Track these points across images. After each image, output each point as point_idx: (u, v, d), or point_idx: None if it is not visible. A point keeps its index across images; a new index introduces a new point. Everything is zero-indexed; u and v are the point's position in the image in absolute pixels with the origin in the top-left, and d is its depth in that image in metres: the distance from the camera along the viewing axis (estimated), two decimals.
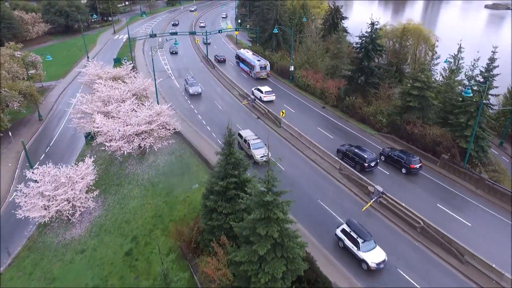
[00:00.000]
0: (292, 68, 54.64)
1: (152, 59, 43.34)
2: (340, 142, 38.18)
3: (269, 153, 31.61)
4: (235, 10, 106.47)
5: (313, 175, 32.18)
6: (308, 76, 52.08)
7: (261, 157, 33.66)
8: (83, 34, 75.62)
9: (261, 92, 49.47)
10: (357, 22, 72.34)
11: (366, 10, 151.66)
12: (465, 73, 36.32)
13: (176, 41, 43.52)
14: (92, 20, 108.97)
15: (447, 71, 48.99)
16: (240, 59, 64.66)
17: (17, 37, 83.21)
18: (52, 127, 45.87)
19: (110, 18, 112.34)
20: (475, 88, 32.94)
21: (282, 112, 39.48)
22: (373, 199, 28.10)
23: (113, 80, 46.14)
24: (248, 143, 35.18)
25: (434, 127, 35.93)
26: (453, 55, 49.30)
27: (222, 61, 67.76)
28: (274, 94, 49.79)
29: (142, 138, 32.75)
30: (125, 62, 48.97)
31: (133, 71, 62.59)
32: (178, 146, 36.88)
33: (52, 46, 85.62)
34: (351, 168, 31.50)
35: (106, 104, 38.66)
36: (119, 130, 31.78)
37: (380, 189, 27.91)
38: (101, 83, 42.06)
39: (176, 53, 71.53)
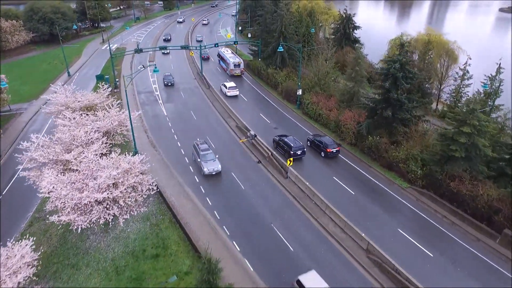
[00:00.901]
0: (300, 92, 46.36)
1: (126, 94, 35.03)
2: (366, 200, 30.04)
3: None
4: (236, 16, 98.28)
5: (332, 260, 23.93)
6: (320, 102, 43.78)
7: None
8: (62, 46, 67.67)
9: (226, 87, 52.90)
10: (361, 24, 64.84)
11: (371, 11, 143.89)
12: None
13: (156, 68, 35.27)
14: (82, 27, 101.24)
15: (482, 95, 41.11)
16: (220, 57, 67.21)
17: None
18: (12, 166, 37.86)
19: (103, 25, 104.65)
20: None
21: (290, 161, 31.26)
22: None
23: (85, 110, 38.40)
24: None
25: (487, 184, 27.62)
26: (490, 76, 41.47)
27: (206, 59, 71.03)
28: (237, 90, 53.00)
29: (104, 207, 24.79)
30: (102, 86, 40.79)
31: (115, 91, 55.09)
32: (155, 208, 28.76)
33: (31, 58, 77.75)
34: (381, 251, 23.31)
35: (68, 148, 30.83)
36: (72, 197, 23.82)
37: None
38: (66, 117, 34.32)
39: (172, 85, 56.69)
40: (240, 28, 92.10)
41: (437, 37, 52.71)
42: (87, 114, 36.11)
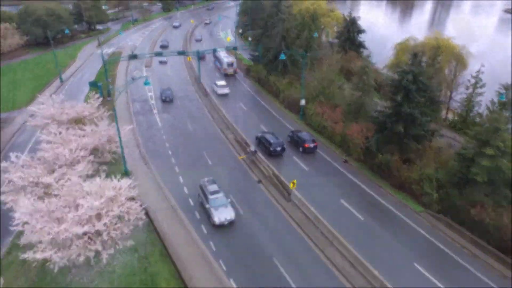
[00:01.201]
0: (303, 102, 43.58)
1: (115, 112, 32.32)
2: (376, 226, 27.29)
3: None
4: (236, 18, 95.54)
5: None
6: (324, 113, 41.05)
7: None
8: (54, 50, 65.07)
9: (217, 85, 54.53)
10: (362, 24, 62.58)
11: (373, 12, 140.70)
12: None
13: (147, 80, 32.62)
14: (79, 30, 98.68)
15: (496, 105, 38.52)
16: (215, 57, 69.42)
17: None
18: None
19: (100, 27, 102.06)
20: None
21: (293, 183, 28.55)
22: None
23: (73, 124, 35.87)
24: None
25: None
26: (505, 84, 38.86)
27: (202, 58, 70.25)
28: (228, 88, 54.23)
29: (85, 241, 22.19)
30: (93, 95, 38.15)
31: (108, 99, 52.31)
32: (144, 237, 26.08)
33: (25, 62, 74.96)
34: None
35: (51, 168, 28.28)
36: (49, 231, 21.23)
37: None
38: (50, 132, 31.76)
39: (171, 101, 50.87)
40: (240, 31, 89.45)
41: (445, 41, 50.09)
42: (74, 128, 33.68)
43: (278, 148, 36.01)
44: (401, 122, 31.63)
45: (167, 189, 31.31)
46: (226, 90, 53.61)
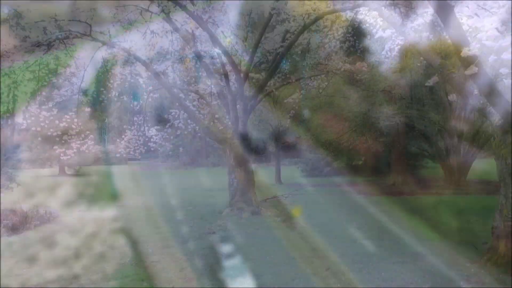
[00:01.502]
0: (305, 113, 41.35)
1: (107, 128, 30.44)
2: (387, 258, 24.65)
3: None
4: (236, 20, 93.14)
5: None
6: (327, 124, 38.71)
7: None
8: (50, 53, 62.77)
9: (212, 85, 52.25)
10: (363, 26, 60.18)
11: (372, 13, 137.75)
12: None
13: (136, 95, 30.76)
14: (76, 32, 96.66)
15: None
16: (212, 58, 68.21)
17: None
18: None
19: (98, 29, 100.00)
20: None
21: (297, 210, 26.02)
22: None
23: (59, 138, 33.84)
24: None
25: None
26: None
27: (200, 58, 72.21)
28: (222, 87, 50.24)
29: (61, 286, 19.87)
30: (85, 104, 36.06)
31: (102, 106, 50.09)
32: (132, 273, 23.50)
33: (19, 66, 73.03)
34: None
35: (31, 191, 26.09)
36: (18, 274, 18.87)
37: None
38: (32, 148, 29.96)
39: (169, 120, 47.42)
40: (240, 33, 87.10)
41: (451, 45, 47.32)
42: (60, 144, 31.56)
43: (259, 146, 36.09)
44: (414, 140, 29.27)
45: (161, 213, 28.95)
46: (220, 89, 51.71)
